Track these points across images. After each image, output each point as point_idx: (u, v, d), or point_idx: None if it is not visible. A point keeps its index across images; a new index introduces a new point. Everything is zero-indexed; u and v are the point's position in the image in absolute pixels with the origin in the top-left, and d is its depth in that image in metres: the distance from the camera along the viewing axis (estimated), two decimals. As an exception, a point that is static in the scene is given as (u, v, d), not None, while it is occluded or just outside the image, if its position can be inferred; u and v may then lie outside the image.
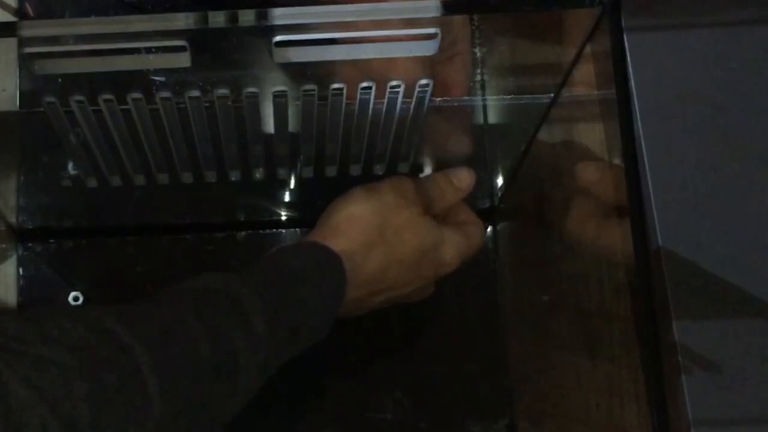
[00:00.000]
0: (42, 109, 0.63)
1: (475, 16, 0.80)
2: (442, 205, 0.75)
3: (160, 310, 0.59)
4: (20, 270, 0.84)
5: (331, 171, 0.76)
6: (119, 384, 0.52)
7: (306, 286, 0.65)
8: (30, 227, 0.84)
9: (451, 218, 0.76)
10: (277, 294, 0.63)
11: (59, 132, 0.66)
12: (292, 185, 0.80)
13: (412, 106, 0.66)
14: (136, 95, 0.62)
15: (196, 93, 0.63)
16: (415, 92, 0.65)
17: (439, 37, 0.57)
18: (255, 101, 0.64)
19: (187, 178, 0.74)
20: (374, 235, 0.70)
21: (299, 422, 0.82)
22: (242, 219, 0.86)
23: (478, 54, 0.85)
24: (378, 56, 0.59)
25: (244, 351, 0.59)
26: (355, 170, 0.76)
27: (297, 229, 0.87)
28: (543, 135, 0.72)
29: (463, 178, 0.76)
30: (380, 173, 0.76)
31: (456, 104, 0.71)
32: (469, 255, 0.76)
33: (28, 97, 0.71)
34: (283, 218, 0.86)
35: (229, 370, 0.59)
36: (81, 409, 0.51)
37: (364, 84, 0.63)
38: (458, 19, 0.69)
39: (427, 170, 0.78)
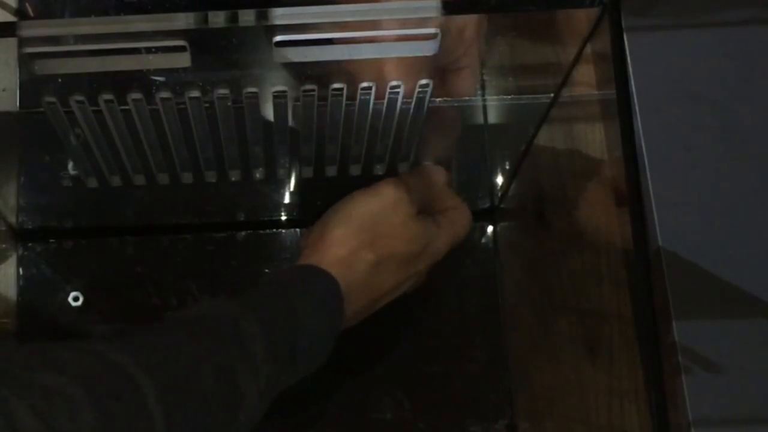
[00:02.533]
0: (42, 109, 0.63)
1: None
2: (430, 198, 0.75)
3: (162, 339, 0.59)
4: (20, 270, 0.84)
5: (331, 171, 0.76)
6: (125, 414, 0.53)
7: (304, 310, 0.66)
8: (30, 227, 0.84)
9: (437, 205, 0.76)
10: (275, 318, 0.64)
11: (59, 132, 0.66)
12: (292, 185, 0.80)
13: (412, 106, 0.66)
14: (136, 95, 0.62)
15: (196, 93, 0.63)
16: (415, 93, 0.65)
17: (439, 37, 0.57)
18: (255, 101, 0.64)
19: (187, 178, 0.74)
20: (365, 252, 0.70)
21: (299, 422, 0.82)
22: (242, 219, 0.86)
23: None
24: (378, 56, 0.59)
25: (244, 377, 0.59)
26: (355, 170, 0.76)
27: (297, 229, 0.87)
28: (543, 135, 0.72)
29: (437, 174, 0.76)
30: (380, 173, 0.76)
31: (456, 104, 0.71)
32: (459, 240, 0.76)
33: (28, 97, 0.71)
34: (283, 218, 0.86)
35: (231, 398, 0.59)
36: None
37: (364, 84, 0.63)
38: (469, 33, 0.68)
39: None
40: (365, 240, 0.70)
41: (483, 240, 0.87)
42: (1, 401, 0.49)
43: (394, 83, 0.64)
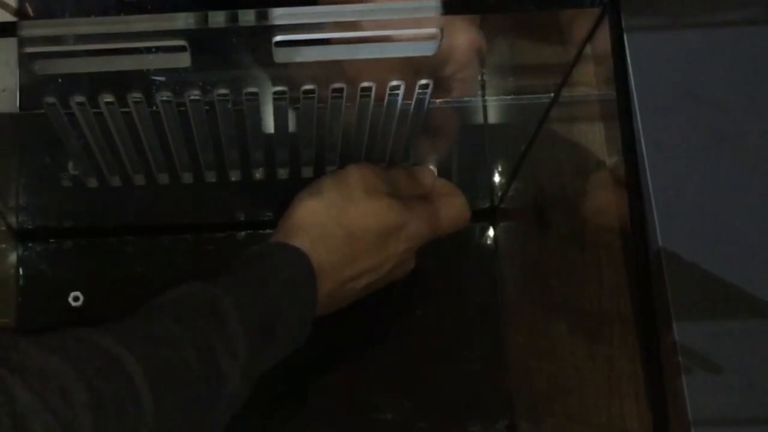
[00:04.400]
0: (42, 109, 0.63)
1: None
2: (409, 193, 0.75)
3: (142, 321, 0.60)
4: (20, 270, 0.84)
5: (331, 171, 0.76)
6: (114, 392, 0.54)
7: (276, 284, 0.66)
8: (30, 227, 0.84)
9: (431, 194, 0.76)
10: (249, 294, 0.64)
11: (59, 133, 0.66)
12: (292, 185, 0.80)
13: (411, 106, 0.66)
14: (137, 96, 0.62)
15: (196, 93, 0.63)
16: (415, 93, 0.65)
17: (440, 37, 0.57)
18: (255, 101, 0.64)
19: (187, 178, 0.74)
20: (333, 226, 0.70)
21: (299, 422, 0.82)
22: (242, 219, 0.86)
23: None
24: (378, 56, 0.59)
25: (224, 356, 0.60)
26: (355, 170, 0.76)
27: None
28: (543, 135, 0.72)
29: (426, 176, 0.76)
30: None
31: (456, 104, 0.71)
32: (451, 224, 0.76)
33: (28, 97, 0.71)
34: (283, 218, 0.86)
35: (214, 376, 0.60)
36: (82, 417, 0.51)
37: (364, 84, 0.63)
38: (466, 47, 0.67)
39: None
40: (333, 215, 0.70)
41: (483, 240, 0.87)
42: (0, 379, 0.50)
43: (393, 84, 0.64)
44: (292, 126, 0.68)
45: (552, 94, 0.67)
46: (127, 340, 0.56)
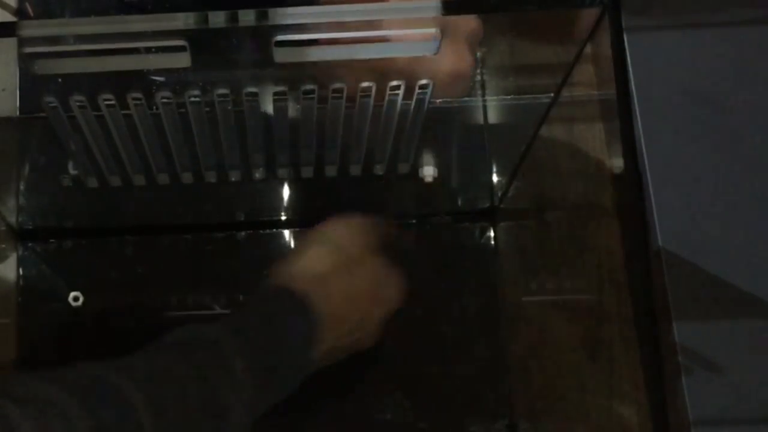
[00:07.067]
0: (42, 110, 0.63)
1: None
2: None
3: (145, 358, 0.61)
4: (20, 270, 0.84)
5: (331, 171, 0.76)
6: (117, 423, 0.54)
7: (278, 328, 0.67)
8: (30, 227, 0.84)
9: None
10: (251, 337, 0.65)
11: (60, 133, 0.66)
12: (292, 185, 0.80)
13: (411, 106, 0.66)
14: (137, 96, 0.62)
15: (196, 93, 0.63)
16: (415, 93, 0.65)
17: (440, 37, 0.57)
18: (255, 102, 0.64)
19: (187, 178, 0.75)
20: (336, 280, 0.71)
21: (299, 422, 0.82)
22: (242, 219, 0.86)
23: (478, 54, 0.85)
24: (378, 56, 0.59)
25: (227, 389, 0.61)
26: (355, 170, 0.76)
27: (297, 229, 0.87)
28: (543, 135, 0.72)
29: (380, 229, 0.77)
30: (380, 173, 0.76)
31: (456, 104, 0.71)
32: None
33: (28, 97, 0.71)
34: (283, 218, 0.86)
35: (215, 408, 0.60)
36: None
37: (364, 84, 0.63)
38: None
39: (427, 170, 0.78)
40: (338, 268, 0.71)
41: (483, 240, 0.87)
42: (1, 408, 0.51)
43: (394, 84, 0.64)
44: (292, 126, 0.68)
45: (552, 94, 0.67)
46: (128, 373, 0.57)
